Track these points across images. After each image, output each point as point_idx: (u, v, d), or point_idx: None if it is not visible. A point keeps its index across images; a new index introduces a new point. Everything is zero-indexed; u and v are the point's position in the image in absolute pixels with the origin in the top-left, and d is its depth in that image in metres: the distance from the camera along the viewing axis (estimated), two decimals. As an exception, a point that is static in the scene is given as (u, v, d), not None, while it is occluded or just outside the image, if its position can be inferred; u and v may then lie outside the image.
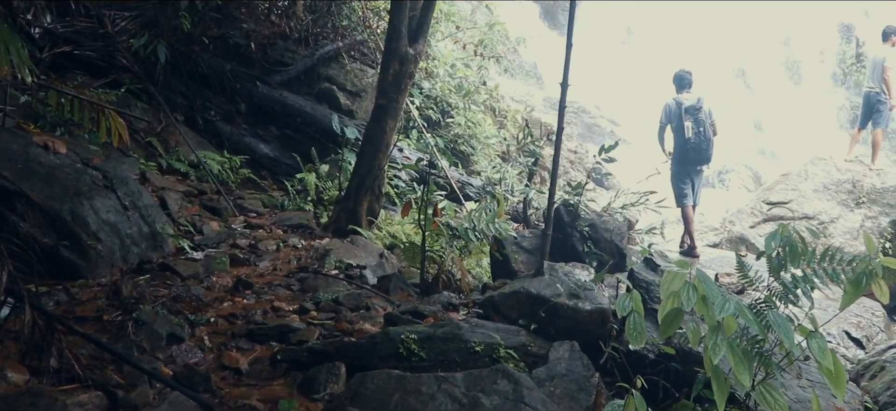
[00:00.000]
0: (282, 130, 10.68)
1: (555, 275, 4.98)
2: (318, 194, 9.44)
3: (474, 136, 13.58)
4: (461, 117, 13.17)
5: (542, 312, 4.65)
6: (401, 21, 8.11)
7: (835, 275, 3.62)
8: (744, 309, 3.38)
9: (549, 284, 4.83)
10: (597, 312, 4.65)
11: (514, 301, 4.81)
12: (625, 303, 3.55)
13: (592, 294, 4.79)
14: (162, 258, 6.56)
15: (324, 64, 11.48)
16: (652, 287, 4.84)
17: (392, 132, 8.32)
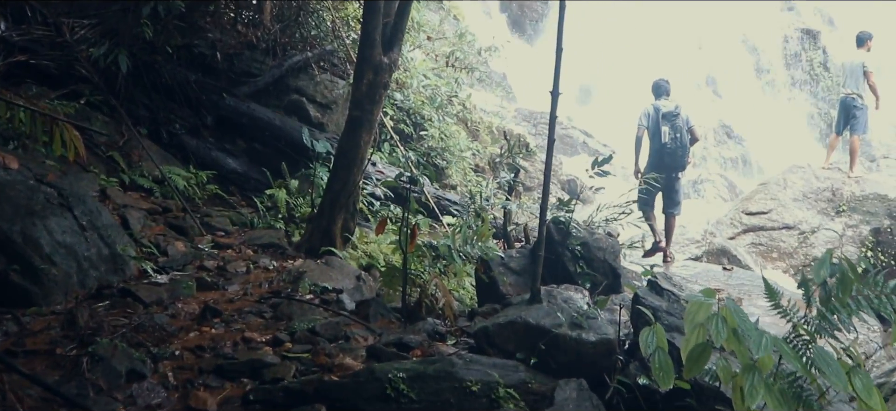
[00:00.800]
0: (250, 144, 10.19)
1: (553, 303, 4.55)
2: (290, 211, 8.95)
3: (447, 149, 13.17)
4: (435, 130, 12.75)
5: (542, 345, 4.22)
6: (374, 28, 7.66)
7: (882, 304, 3.21)
8: (784, 347, 2.97)
9: (548, 313, 4.40)
10: (602, 343, 4.23)
11: (510, 332, 4.37)
12: (648, 339, 3.13)
13: (596, 323, 4.37)
14: (123, 282, 6.06)
15: (292, 75, 10.99)
16: (659, 313, 4.43)
17: (366, 146, 7.86)
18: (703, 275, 10.17)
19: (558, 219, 6.69)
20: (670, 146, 10.81)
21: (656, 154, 10.98)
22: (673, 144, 10.82)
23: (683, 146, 10.88)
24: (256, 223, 8.69)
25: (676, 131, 10.79)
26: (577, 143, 18.64)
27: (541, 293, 4.73)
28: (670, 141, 10.79)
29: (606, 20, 23.18)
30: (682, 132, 10.82)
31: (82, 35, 9.18)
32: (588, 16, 23.49)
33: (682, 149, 10.89)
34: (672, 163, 10.84)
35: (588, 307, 4.44)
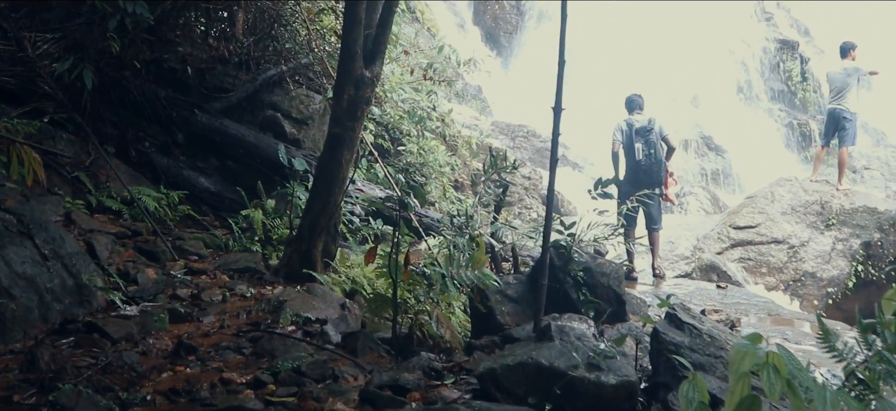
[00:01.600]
0: (223, 162, 9.74)
1: (566, 340, 4.17)
2: (266, 233, 8.50)
3: (426, 164, 12.79)
4: (413, 145, 12.37)
5: (558, 389, 3.82)
6: (355, 41, 7.25)
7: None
8: (851, 401, 2.60)
9: (561, 352, 4.01)
10: (623, 386, 3.85)
11: (520, 375, 3.95)
12: (688, 394, 2.74)
13: (614, 363, 3.98)
14: (89, 315, 5.61)
15: (267, 90, 10.55)
16: (682, 350, 4.06)
17: (348, 164, 7.45)
18: (696, 294, 9.86)
19: (559, 243, 6.32)
20: (644, 163, 10.75)
21: (631, 171, 10.89)
22: (647, 161, 10.75)
23: (658, 161, 10.80)
24: (232, 246, 8.23)
25: (650, 147, 10.73)
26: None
27: (551, 329, 4.34)
28: (644, 157, 10.73)
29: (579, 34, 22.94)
30: (655, 147, 10.76)
31: (45, 50, 8.68)
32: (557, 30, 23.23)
33: (656, 165, 10.80)
34: (648, 180, 10.68)
35: (605, 345, 4.05)
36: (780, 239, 12.46)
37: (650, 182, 10.68)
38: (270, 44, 10.80)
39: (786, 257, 12.36)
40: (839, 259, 12.37)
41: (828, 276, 12.27)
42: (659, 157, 10.78)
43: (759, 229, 12.63)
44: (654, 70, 20.96)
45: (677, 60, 21.54)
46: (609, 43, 22.41)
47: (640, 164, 10.77)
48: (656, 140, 10.77)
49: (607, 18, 22.85)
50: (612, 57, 21.93)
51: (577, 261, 6.30)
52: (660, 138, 10.82)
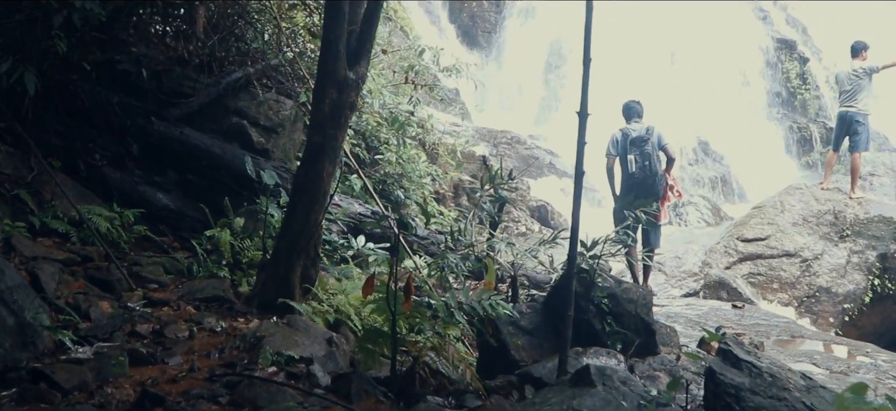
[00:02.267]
0: (184, 175, 9.19)
1: (610, 385, 3.71)
2: (235, 255, 7.97)
3: (405, 175, 12.33)
4: (393, 154, 11.89)
5: (611, 450, 3.37)
6: (338, 38, 6.77)
7: None
8: None
9: (606, 401, 3.56)
10: (688, 445, 3.41)
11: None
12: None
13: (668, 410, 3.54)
14: (34, 360, 5.06)
15: (231, 94, 10.00)
16: (742, 393, 3.62)
17: (330, 178, 6.95)
18: (711, 315, 9.49)
19: (580, 267, 5.86)
20: (638, 175, 10.45)
21: (625, 184, 10.65)
22: (641, 173, 10.44)
23: (654, 173, 10.47)
24: (196, 271, 7.69)
25: (645, 158, 10.41)
26: (544, 165, 17.95)
27: (590, 372, 3.87)
28: (637, 169, 10.44)
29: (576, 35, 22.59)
30: (651, 158, 10.45)
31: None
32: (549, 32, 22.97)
33: (652, 177, 10.48)
34: (643, 193, 10.18)
35: (658, 392, 3.59)
36: (791, 252, 12.16)
37: (646, 194, 10.21)
38: (235, 43, 10.25)
39: (798, 272, 12.05)
40: (855, 272, 12.10)
41: (844, 291, 11.98)
42: (654, 169, 10.47)
43: (768, 242, 12.31)
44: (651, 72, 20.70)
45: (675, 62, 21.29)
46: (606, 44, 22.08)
47: (633, 177, 10.48)
48: (652, 150, 10.45)
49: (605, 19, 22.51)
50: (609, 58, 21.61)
51: (601, 287, 5.85)
52: (657, 148, 10.50)
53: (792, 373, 4.26)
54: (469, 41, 25.01)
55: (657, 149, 10.45)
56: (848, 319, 11.91)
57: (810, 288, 11.92)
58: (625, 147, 10.54)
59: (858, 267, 12.10)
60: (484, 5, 25.42)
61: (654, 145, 10.43)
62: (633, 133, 10.53)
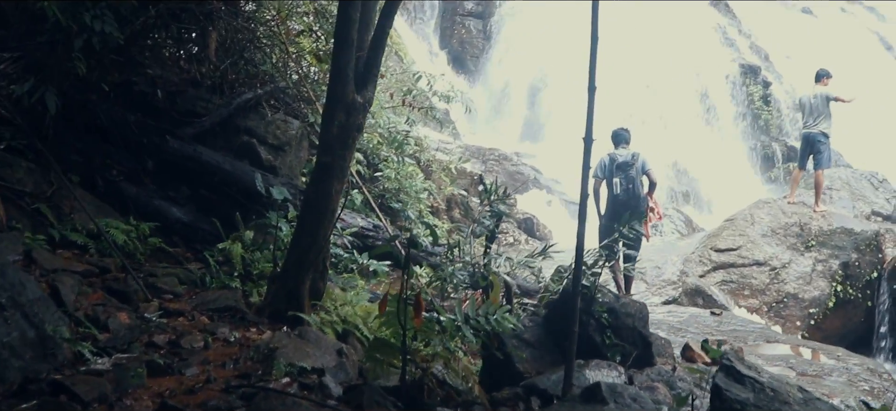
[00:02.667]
0: (196, 191, 8.90)
1: (621, 402, 3.48)
2: (246, 267, 7.69)
3: (402, 189, 12.08)
4: (391, 170, 11.64)
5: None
6: (346, 63, 6.52)
7: None
8: None
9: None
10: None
11: (582, 452, 3.26)
12: None
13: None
14: (55, 372, 4.77)
15: (242, 114, 9.75)
16: (748, 408, 3.39)
17: (338, 196, 6.70)
18: (692, 322, 9.29)
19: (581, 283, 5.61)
20: (622, 197, 10.54)
21: (610, 205, 10.74)
22: (625, 195, 10.54)
23: (636, 196, 10.55)
24: (209, 282, 7.40)
25: (629, 182, 10.53)
26: (529, 180, 17.74)
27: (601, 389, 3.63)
28: (621, 191, 10.55)
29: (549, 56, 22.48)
30: (634, 182, 10.56)
31: (2, 70, 7.79)
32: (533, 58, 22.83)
33: (634, 200, 10.53)
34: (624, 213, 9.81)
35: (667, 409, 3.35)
36: (761, 261, 12.06)
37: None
38: (245, 66, 9.99)
39: (767, 279, 11.95)
40: (820, 280, 12.04)
41: (809, 297, 11.92)
42: (637, 192, 10.55)
43: (740, 252, 12.17)
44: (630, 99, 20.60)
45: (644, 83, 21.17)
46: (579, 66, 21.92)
47: (617, 198, 10.58)
48: (636, 175, 10.55)
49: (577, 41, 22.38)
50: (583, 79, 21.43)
51: (601, 301, 5.61)
52: (640, 173, 10.59)
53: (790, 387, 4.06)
54: (458, 65, 24.82)
55: (641, 173, 10.55)
56: (813, 323, 11.85)
57: (779, 294, 11.86)
58: (611, 170, 10.64)
59: (823, 274, 12.06)
60: (473, 32, 25.27)
61: (639, 170, 10.54)
62: (620, 158, 10.64)
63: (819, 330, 11.76)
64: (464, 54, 25.11)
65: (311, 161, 10.46)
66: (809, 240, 12.36)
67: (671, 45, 21.73)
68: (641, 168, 10.57)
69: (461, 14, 26.03)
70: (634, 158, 10.59)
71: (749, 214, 12.84)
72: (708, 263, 12.07)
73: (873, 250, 12.26)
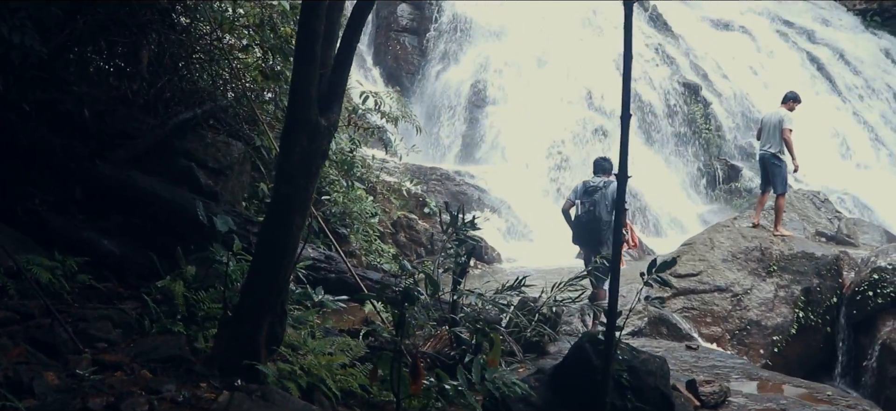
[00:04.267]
0: (130, 220, 8.05)
1: None
2: (190, 308, 6.84)
3: (348, 213, 11.34)
4: (339, 194, 10.90)
5: None
6: (309, 82, 5.79)
7: None
8: None
9: None
10: None
11: None
12: None
13: None
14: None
15: (179, 136, 8.93)
16: None
17: (299, 231, 5.96)
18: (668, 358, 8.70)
19: (595, 337, 5.01)
20: (583, 218, 10.71)
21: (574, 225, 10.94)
22: (586, 216, 10.67)
23: (597, 219, 10.59)
24: (148, 326, 6.54)
25: (592, 205, 10.62)
26: (473, 200, 17.14)
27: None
28: (583, 213, 10.71)
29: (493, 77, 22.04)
30: (596, 205, 10.60)
31: None
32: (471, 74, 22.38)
33: (595, 222, 10.60)
34: (588, 237, 10.70)
35: None
36: (722, 287, 11.72)
37: (590, 240, 10.68)
38: (181, 83, 9.13)
39: (730, 306, 11.61)
40: (782, 306, 11.77)
41: (772, 324, 11.63)
42: (598, 214, 10.56)
43: (700, 277, 11.80)
44: (565, 110, 20.29)
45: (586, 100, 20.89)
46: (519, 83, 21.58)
47: (579, 219, 10.74)
48: (600, 200, 10.56)
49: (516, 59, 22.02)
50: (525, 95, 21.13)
51: (621, 359, 5.01)
52: (607, 199, 10.55)
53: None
54: (393, 81, 24.12)
55: (607, 199, 10.51)
56: (776, 350, 11.51)
57: (741, 321, 11.51)
58: (581, 194, 10.78)
59: (785, 300, 11.79)
60: (408, 49, 24.63)
61: (605, 196, 10.52)
62: (591, 184, 10.77)
63: (781, 357, 11.46)
64: (399, 71, 24.46)
65: (257, 186, 9.68)
66: (771, 264, 12.07)
67: (611, 62, 21.54)
68: (611, 193, 10.41)
69: (396, 30, 25.37)
70: (605, 185, 10.58)
71: (708, 238, 12.49)
72: (667, 289, 11.63)
73: (833, 275, 12.01)
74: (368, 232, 11.71)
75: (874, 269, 11.40)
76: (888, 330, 10.97)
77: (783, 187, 12.87)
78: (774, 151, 12.93)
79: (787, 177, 12.91)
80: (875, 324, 11.21)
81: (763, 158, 13.05)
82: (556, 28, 23.04)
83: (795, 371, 10.88)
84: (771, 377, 8.77)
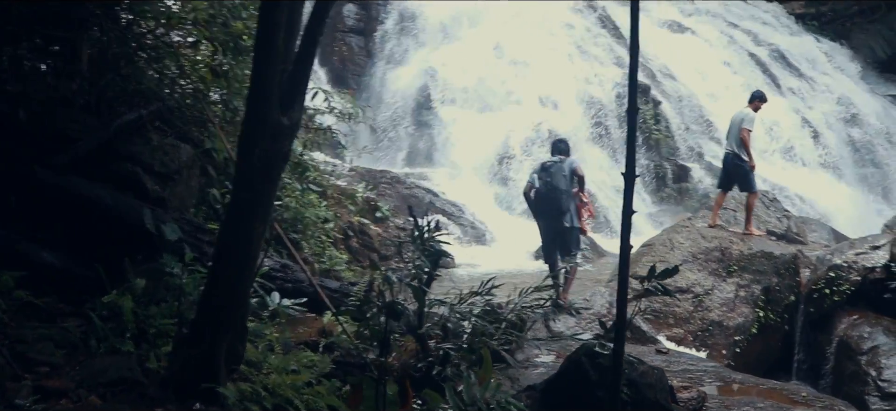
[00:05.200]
0: (71, 230, 7.42)
1: None
2: (140, 325, 6.31)
3: (299, 219, 10.86)
4: (291, 198, 10.42)
5: None
6: (270, 78, 5.34)
7: None
8: None
9: None
10: None
11: None
12: None
13: None
14: None
15: (123, 139, 8.32)
16: None
17: (260, 240, 5.50)
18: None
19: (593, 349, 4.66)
20: (542, 191, 10.93)
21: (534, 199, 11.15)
22: (545, 188, 10.90)
23: (555, 189, 10.87)
24: (94, 346, 6.00)
25: (551, 177, 10.90)
26: (424, 203, 16.75)
27: None
28: (542, 185, 10.92)
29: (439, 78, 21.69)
30: (556, 177, 10.89)
31: None
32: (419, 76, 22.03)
33: (553, 192, 10.88)
34: (548, 208, 10.97)
35: None
36: (683, 288, 11.56)
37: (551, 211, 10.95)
38: (125, 83, 8.52)
39: (691, 307, 11.47)
40: (743, 306, 11.72)
41: (734, 324, 11.56)
42: (556, 185, 10.85)
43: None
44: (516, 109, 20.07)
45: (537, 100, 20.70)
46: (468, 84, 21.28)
47: (539, 192, 10.98)
48: (557, 172, 10.90)
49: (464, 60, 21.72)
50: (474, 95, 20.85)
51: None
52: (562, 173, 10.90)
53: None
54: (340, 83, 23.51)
55: (564, 172, 10.89)
56: (738, 351, 11.39)
57: (704, 322, 11.38)
58: (539, 173, 11.08)
59: (746, 300, 11.71)
60: (354, 50, 24.14)
61: (561, 168, 10.93)
62: (548, 163, 11.12)
63: (743, 356, 11.33)
64: (345, 72, 23.92)
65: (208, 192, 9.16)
66: (731, 264, 11.98)
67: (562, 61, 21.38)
68: (568, 168, 10.93)
69: (342, 30, 24.84)
70: (562, 161, 11.01)
71: (668, 239, 12.32)
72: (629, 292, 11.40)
73: (791, 273, 11.95)
74: (322, 238, 11.24)
75: (831, 267, 11.33)
76: (845, 327, 10.91)
77: (753, 186, 12.93)
78: (737, 151, 12.91)
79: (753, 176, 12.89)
80: (832, 322, 11.14)
81: (726, 158, 13.16)
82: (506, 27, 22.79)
83: (756, 370, 10.74)
84: (744, 380, 8.56)
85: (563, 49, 21.76)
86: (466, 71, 21.72)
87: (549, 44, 22.23)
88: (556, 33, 22.62)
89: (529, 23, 22.89)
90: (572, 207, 11.01)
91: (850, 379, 10.32)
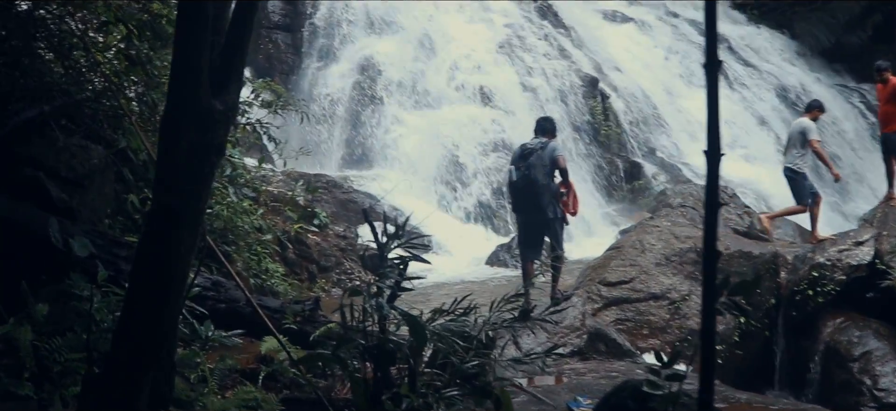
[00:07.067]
0: (-41, 247, 6.41)
1: None
2: (40, 361, 5.33)
3: (232, 230, 9.93)
4: (222, 207, 9.48)
5: None
6: (197, 52, 4.41)
7: None
8: None
9: None
10: None
11: None
12: None
13: None
14: None
15: (22, 139, 7.40)
16: None
17: (189, 255, 4.56)
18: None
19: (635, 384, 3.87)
20: (519, 184, 10.09)
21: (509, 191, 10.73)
22: (522, 181, 10.05)
23: (533, 181, 9.97)
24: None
25: (529, 168, 9.97)
26: (364, 209, 15.83)
27: None
28: (519, 178, 10.08)
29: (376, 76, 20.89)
30: (533, 168, 9.96)
31: None
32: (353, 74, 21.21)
33: (531, 186, 10.00)
34: (524, 202, 10.17)
35: None
36: (658, 294, 10.80)
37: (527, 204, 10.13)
38: (25, 77, 7.50)
39: (667, 315, 10.69)
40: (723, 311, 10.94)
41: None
42: (533, 177, 9.93)
43: (633, 284, 10.88)
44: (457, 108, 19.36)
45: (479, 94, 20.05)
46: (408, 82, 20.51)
47: (515, 185, 10.16)
48: (537, 162, 9.95)
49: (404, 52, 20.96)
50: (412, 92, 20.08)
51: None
52: (544, 161, 9.95)
53: None
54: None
55: (544, 162, 9.94)
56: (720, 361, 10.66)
57: (682, 331, 10.51)
58: (517, 159, 10.22)
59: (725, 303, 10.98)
60: (281, 47, 23.12)
61: (541, 157, 9.94)
62: (529, 146, 10.18)
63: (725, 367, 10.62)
64: (272, 70, 22.78)
65: (125, 199, 8.16)
66: (708, 267, 11.34)
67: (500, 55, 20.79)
68: (548, 155, 9.97)
69: (267, 26, 23.77)
70: (542, 147, 10.01)
71: (637, 241, 11.58)
72: (598, 300, 10.64)
73: (772, 275, 11.32)
74: (258, 250, 10.30)
75: (813, 266, 10.83)
76: (831, 331, 10.41)
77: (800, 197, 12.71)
78: (789, 165, 12.78)
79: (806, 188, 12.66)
80: (816, 326, 10.63)
81: (785, 172, 12.97)
82: (443, 19, 22.09)
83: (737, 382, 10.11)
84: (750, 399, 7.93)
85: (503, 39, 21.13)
86: (402, 65, 20.95)
87: (487, 36, 21.62)
88: (496, 25, 22.02)
89: (467, 13, 22.27)
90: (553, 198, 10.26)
91: (842, 388, 9.82)
